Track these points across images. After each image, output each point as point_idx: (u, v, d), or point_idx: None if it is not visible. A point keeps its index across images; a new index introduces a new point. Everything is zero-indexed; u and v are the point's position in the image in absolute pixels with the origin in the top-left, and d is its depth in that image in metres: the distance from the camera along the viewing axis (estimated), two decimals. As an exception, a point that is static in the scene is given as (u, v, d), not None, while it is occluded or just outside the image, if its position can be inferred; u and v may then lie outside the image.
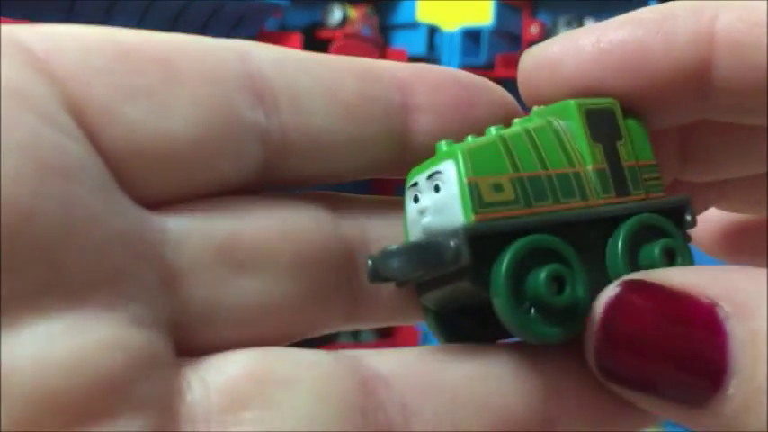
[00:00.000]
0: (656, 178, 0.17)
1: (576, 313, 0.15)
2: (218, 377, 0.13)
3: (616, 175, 0.17)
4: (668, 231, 0.17)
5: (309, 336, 0.15)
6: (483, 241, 0.14)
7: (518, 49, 1.39)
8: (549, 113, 0.17)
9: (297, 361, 0.14)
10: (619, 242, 0.16)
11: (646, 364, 0.14)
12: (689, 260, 0.17)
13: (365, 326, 0.16)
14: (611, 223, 0.16)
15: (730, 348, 0.13)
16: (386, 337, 1.19)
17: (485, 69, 1.36)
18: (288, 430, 0.13)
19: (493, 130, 0.16)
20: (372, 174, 0.16)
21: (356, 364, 0.15)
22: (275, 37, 1.21)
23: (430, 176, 0.15)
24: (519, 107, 0.18)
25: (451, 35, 1.38)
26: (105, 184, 0.12)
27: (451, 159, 0.15)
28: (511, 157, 0.15)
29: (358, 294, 0.16)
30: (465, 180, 0.15)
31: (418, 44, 1.37)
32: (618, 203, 0.17)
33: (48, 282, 0.11)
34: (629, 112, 0.17)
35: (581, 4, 1.29)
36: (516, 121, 0.17)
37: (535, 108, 0.17)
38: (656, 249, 0.16)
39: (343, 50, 1.23)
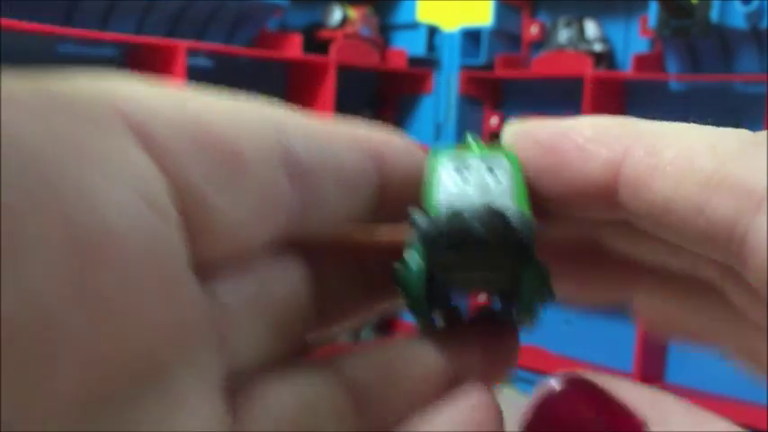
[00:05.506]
0: None
1: None
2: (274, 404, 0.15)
3: None
4: None
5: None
6: None
7: (518, 50, 1.39)
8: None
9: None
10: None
11: None
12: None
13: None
14: None
15: None
16: (385, 336, 1.19)
17: (484, 69, 1.37)
18: None
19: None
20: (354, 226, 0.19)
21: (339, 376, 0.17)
22: (275, 37, 1.21)
23: (487, 162, 0.17)
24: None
25: (451, 35, 1.38)
26: (187, 269, 0.14)
27: (506, 158, 0.17)
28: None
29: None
30: (521, 180, 0.17)
31: (418, 44, 1.37)
32: None
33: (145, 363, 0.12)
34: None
35: (581, 4, 1.29)
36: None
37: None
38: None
39: (343, 50, 1.23)
